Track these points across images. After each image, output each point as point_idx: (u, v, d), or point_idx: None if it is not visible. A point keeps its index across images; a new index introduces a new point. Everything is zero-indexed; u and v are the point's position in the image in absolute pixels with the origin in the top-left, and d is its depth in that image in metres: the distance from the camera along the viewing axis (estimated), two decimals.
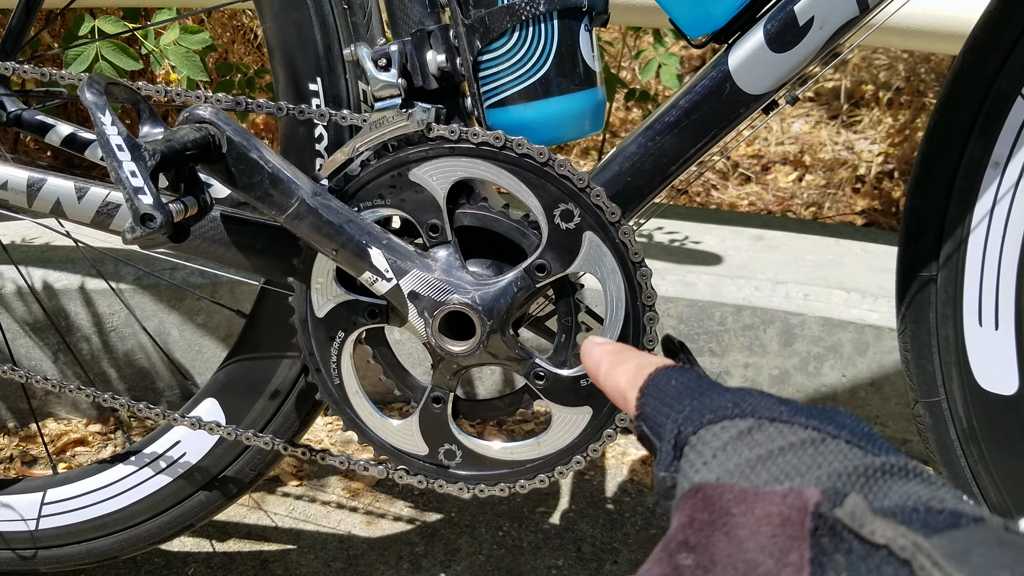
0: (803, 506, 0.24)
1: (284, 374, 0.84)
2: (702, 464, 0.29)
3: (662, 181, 0.66)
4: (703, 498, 0.28)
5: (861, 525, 0.23)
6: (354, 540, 1.16)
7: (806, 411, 0.30)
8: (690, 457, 0.30)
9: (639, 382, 0.35)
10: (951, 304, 0.74)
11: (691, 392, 0.33)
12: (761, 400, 0.31)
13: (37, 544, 0.95)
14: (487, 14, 0.63)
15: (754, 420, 0.29)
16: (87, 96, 0.57)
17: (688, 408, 0.32)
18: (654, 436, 0.33)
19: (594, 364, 0.40)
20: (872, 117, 2.60)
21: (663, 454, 0.31)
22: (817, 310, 1.33)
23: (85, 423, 1.43)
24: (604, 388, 0.39)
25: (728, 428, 0.30)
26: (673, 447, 0.31)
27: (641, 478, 1.30)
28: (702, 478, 0.29)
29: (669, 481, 0.31)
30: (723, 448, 0.29)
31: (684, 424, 0.31)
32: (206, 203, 0.64)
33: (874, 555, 0.22)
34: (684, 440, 0.31)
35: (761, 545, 0.25)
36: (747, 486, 0.27)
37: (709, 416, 0.31)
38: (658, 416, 0.33)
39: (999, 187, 0.69)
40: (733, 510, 0.26)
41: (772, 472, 0.27)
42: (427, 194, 0.64)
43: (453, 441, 0.71)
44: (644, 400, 0.35)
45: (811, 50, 0.61)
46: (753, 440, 0.29)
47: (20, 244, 1.44)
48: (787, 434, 0.28)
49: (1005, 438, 0.74)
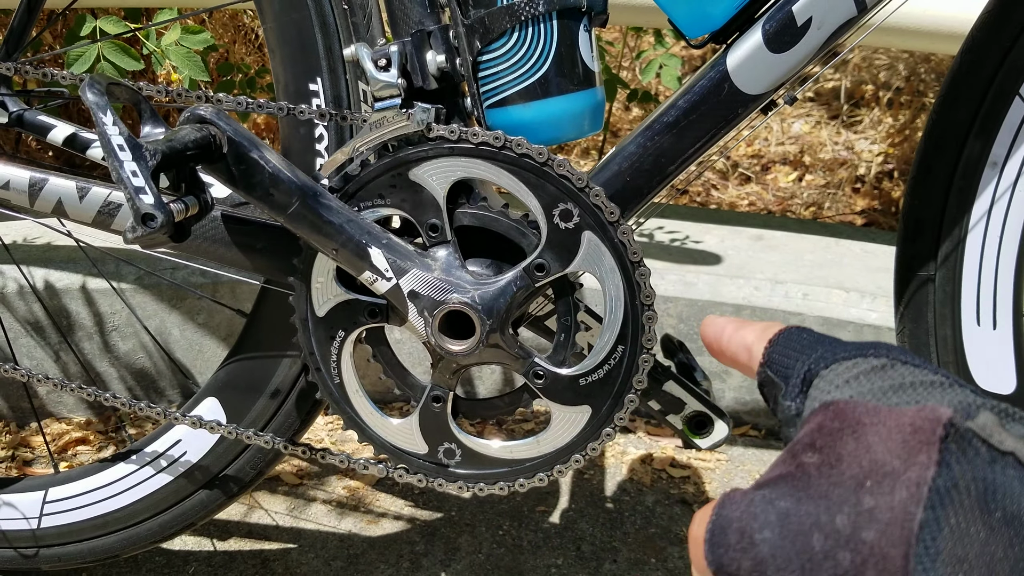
0: (936, 418, 0.26)
1: (284, 373, 0.85)
2: (834, 387, 0.30)
3: (661, 181, 0.67)
4: (834, 411, 0.28)
5: (990, 435, 0.25)
6: (354, 539, 1.17)
7: (934, 365, 0.31)
8: (820, 385, 0.31)
9: (768, 336, 0.36)
10: (949, 303, 0.74)
11: (824, 343, 0.34)
12: (894, 347, 0.32)
13: (39, 542, 0.95)
14: (487, 14, 0.64)
15: (887, 359, 0.30)
16: (88, 96, 0.57)
17: (820, 350, 0.33)
18: (779, 378, 0.34)
19: (717, 329, 0.40)
20: (872, 117, 2.60)
21: (791, 386, 0.32)
22: (816, 310, 1.33)
23: (86, 422, 1.43)
24: (727, 349, 0.39)
25: (860, 364, 0.31)
26: (802, 380, 0.32)
27: (640, 477, 1.30)
28: (833, 397, 0.29)
29: (794, 410, 0.32)
30: (856, 378, 0.30)
31: (816, 362, 0.32)
32: (207, 203, 0.65)
33: (1000, 460, 0.24)
34: (815, 374, 0.32)
35: (890, 448, 0.26)
36: (879, 404, 0.28)
37: (842, 354, 0.32)
38: (786, 359, 0.34)
39: (997, 187, 0.70)
40: (864, 420, 0.27)
41: (903, 398, 0.28)
42: (427, 194, 0.65)
43: (453, 440, 0.72)
44: (773, 348, 0.35)
45: (809, 50, 0.61)
46: (886, 375, 0.30)
47: (22, 244, 1.44)
48: (918, 374, 0.29)
49: None
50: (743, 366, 0.38)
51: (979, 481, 0.24)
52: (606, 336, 0.66)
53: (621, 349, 0.66)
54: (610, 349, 0.66)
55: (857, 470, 0.26)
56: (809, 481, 0.27)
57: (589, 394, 0.67)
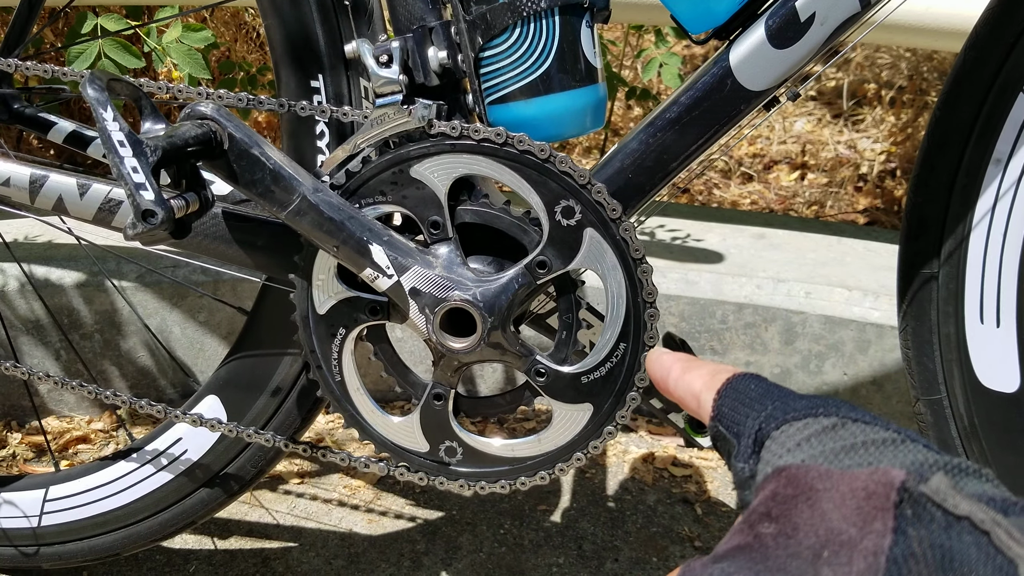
0: (889, 482, 0.26)
1: (285, 371, 0.84)
2: (786, 451, 0.30)
3: (663, 178, 0.66)
4: (787, 476, 0.28)
5: (944, 499, 0.25)
6: (355, 538, 1.16)
7: (886, 420, 0.31)
8: (772, 448, 0.31)
9: (716, 385, 0.36)
10: (952, 301, 0.73)
11: (771, 396, 0.33)
12: (843, 404, 0.32)
13: (39, 541, 0.95)
14: (488, 10, 0.63)
15: (837, 418, 0.30)
16: (89, 92, 0.57)
17: (770, 407, 0.33)
18: (731, 435, 0.34)
19: (663, 370, 0.41)
20: (875, 116, 2.59)
21: (743, 447, 0.32)
22: (819, 308, 1.33)
23: (87, 421, 1.43)
24: (674, 392, 0.39)
25: (811, 424, 0.31)
26: (754, 441, 0.32)
27: (642, 476, 1.30)
28: (786, 462, 0.29)
29: (748, 471, 0.32)
30: (807, 439, 0.30)
31: (767, 421, 0.32)
32: (207, 199, 0.64)
33: (955, 525, 0.24)
34: (766, 434, 0.32)
35: (845, 516, 0.26)
36: (832, 468, 0.28)
37: (792, 414, 0.32)
38: (736, 415, 0.34)
39: (1001, 184, 0.69)
40: (818, 486, 0.27)
41: (856, 460, 0.28)
42: (428, 190, 0.64)
43: (454, 438, 0.72)
44: (722, 401, 0.35)
45: (812, 46, 0.61)
46: (837, 435, 0.30)
47: (23, 242, 1.44)
48: (869, 432, 0.29)
49: (1006, 436, 0.74)
50: (692, 411, 0.38)
51: (936, 548, 0.23)
52: (608, 334, 0.65)
53: (623, 347, 0.65)
54: (612, 347, 0.65)
55: (814, 540, 0.26)
56: (767, 553, 0.26)
57: (591, 392, 0.67)
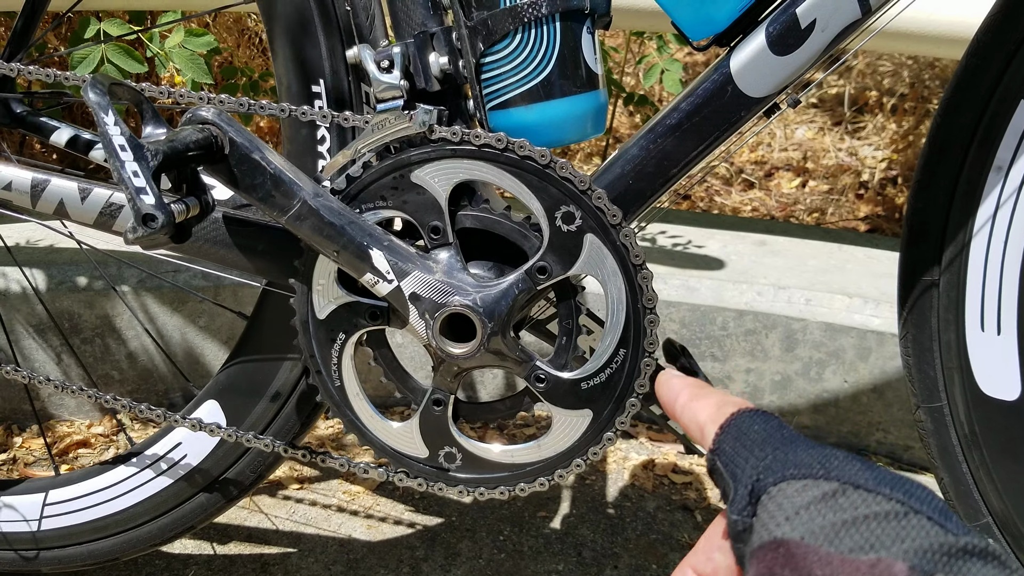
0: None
1: (285, 376, 0.84)
2: (784, 519, 0.29)
3: (664, 184, 0.66)
4: (785, 554, 0.27)
5: None
6: (354, 544, 1.16)
7: (890, 481, 0.30)
8: (769, 508, 0.30)
9: (720, 419, 0.36)
10: (953, 309, 0.73)
11: (773, 441, 0.33)
12: (846, 464, 0.30)
13: (39, 545, 0.95)
14: (490, 16, 0.63)
15: (839, 484, 0.29)
16: (90, 96, 0.57)
17: (770, 457, 0.32)
18: (728, 475, 0.33)
19: (672, 394, 0.41)
20: (876, 123, 2.59)
21: (739, 497, 0.31)
22: (819, 315, 1.33)
23: (87, 425, 1.43)
24: (680, 418, 0.39)
25: (811, 488, 0.30)
26: (750, 492, 0.31)
27: (642, 483, 1.29)
28: (784, 534, 0.29)
29: (742, 526, 0.31)
30: (806, 507, 0.29)
31: (764, 472, 0.31)
32: (208, 204, 0.65)
33: None
34: (763, 488, 0.31)
35: None
36: (831, 550, 0.27)
37: (792, 471, 0.31)
38: (736, 456, 0.33)
39: (1002, 191, 0.69)
40: (817, 572, 0.26)
41: (856, 540, 0.27)
42: (429, 196, 0.64)
43: (453, 444, 0.71)
44: (723, 437, 0.35)
45: (813, 53, 0.61)
46: (837, 504, 0.29)
47: (24, 246, 1.44)
48: (871, 503, 0.28)
49: (1007, 443, 0.73)
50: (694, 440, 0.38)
51: None
52: (608, 340, 0.65)
53: (623, 353, 0.65)
54: (612, 353, 0.65)
55: None
56: None
57: (591, 398, 0.67)
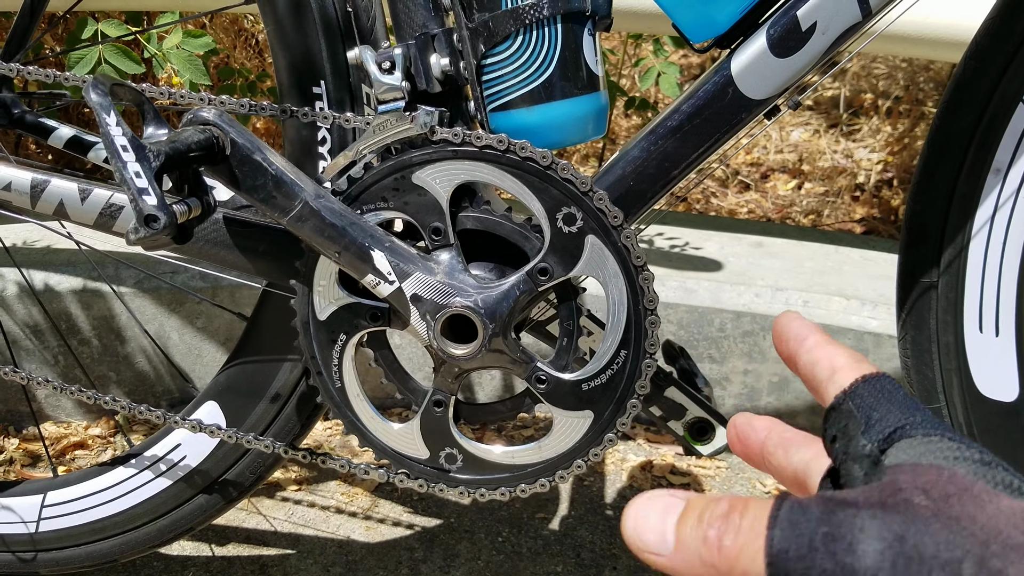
0: None
1: (285, 377, 0.84)
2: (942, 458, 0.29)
3: (664, 185, 0.66)
4: (949, 475, 0.27)
5: None
6: (353, 545, 1.16)
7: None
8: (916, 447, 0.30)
9: (863, 370, 0.34)
10: (952, 310, 0.74)
11: (921, 409, 0.32)
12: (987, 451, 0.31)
13: (37, 546, 0.94)
14: (491, 18, 0.64)
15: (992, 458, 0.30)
16: (92, 96, 0.57)
17: (920, 417, 0.31)
18: (861, 416, 0.32)
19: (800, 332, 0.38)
20: (871, 126, 2.60)
21: (877, 430, 0.31)
22: (817, 317, 1.33)
23: (85, 426, 1.43)
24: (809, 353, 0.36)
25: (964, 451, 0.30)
26: (893, 431, 0.31)
27: (640, 484, 1.29)
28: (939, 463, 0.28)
29: (870, 450, 0.30)
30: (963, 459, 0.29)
31: (915, 426, 0.31)
32: (209, 205, 0.65)
33: None
34: (910, 434, 0.30)
35: (1015, 524, 0.25)
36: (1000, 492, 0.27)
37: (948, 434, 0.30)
38: (877, 405, 0.32)
39: (1000, 193, 0.70)
40: (983, 496, 0.26)
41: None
42: (430, 197, 0.64)
43: (454, 445, 0.71)
44: (864, 385, 0.33)
45: (813, 55, 0.61)
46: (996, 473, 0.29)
47: (22, 247, 1.44)
48: None
49: (1005, 445, 0.74)
50: (809, 378, 0.36)
51: None
52: (608, 341, 0.65)
53: (624, 354, 0.65)
54: (613, 354, 0.65)
55: (978, 530, 0.25)
56: (926, 521, 0.26)
57: (591, 399, 0.67)
